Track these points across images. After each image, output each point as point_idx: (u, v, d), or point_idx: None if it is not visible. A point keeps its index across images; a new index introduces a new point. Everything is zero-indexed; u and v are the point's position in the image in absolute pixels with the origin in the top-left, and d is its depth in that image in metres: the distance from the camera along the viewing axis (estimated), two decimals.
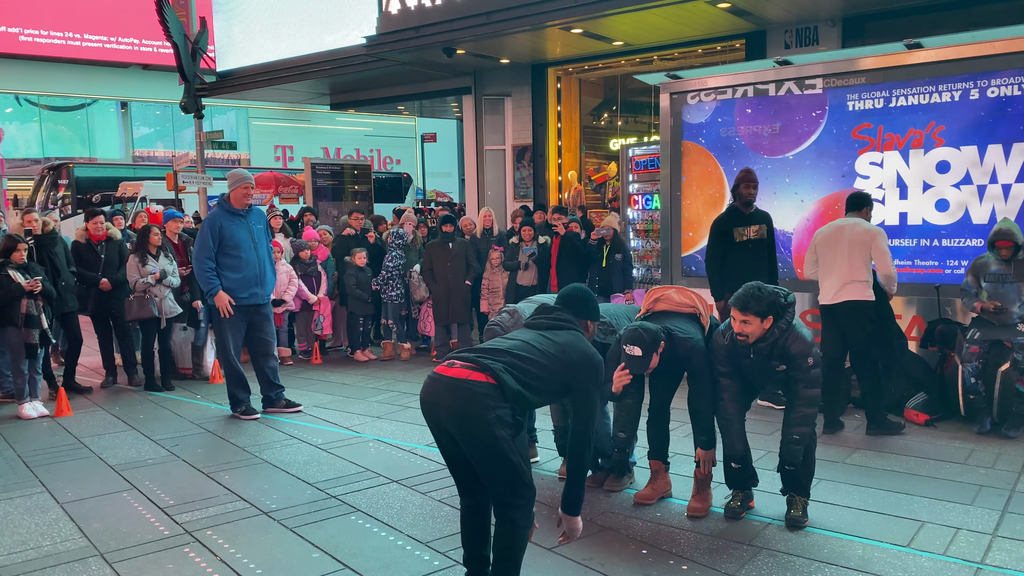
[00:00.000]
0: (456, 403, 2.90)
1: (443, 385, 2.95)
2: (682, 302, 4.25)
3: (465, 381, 2.90)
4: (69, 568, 3.70)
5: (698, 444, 4.26)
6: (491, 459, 2.90)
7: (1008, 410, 5.59)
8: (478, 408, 2.86)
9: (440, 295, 8.76)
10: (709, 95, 7.50)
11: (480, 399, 2.87)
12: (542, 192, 12.92)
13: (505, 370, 2.94)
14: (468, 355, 3.02)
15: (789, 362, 3.93)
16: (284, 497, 4.60)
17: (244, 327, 6.53)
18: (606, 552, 3.77)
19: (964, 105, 6.24)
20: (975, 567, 3.53)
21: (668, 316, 4.21)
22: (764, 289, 3.87)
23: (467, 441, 2.93)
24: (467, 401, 2.87)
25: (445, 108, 17.84)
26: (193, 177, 14.56)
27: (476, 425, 2.86)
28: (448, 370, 2.99)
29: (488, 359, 2.97)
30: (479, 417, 2.85)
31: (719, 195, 7.47)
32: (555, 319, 3.27)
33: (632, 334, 3.99)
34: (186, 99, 14.97)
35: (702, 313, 4.25)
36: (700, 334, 4.16)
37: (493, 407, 2.86)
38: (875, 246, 5.69)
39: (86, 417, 6.64)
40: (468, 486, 3.16)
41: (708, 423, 4.20)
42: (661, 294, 4.31)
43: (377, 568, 3.63)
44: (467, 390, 2.88)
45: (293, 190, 16.92)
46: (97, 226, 7.73)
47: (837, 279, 5.72)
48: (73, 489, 4.82)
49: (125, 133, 29.16)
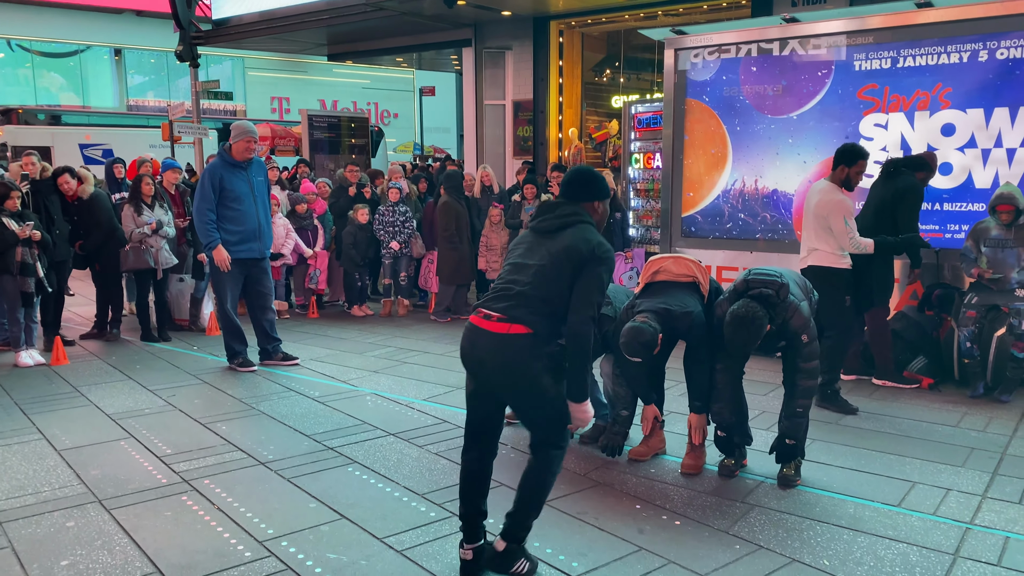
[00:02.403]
0: (501, 357, 2.98)
1: (485, 339, 3.01)
2: (681, 273, 4.24)
3: (506, 336, 2.96)
4: (68, 514, 3.73)
5: (692, 409, 4.29)
6: (538, 405, 3.02)
7: (1002, 375, 5.63)
8: (523, 359, 2.95)
9: (458, 256, 8.67)
10: (713, 52, 7.38)
11: (523, 351, 2.95)
12: (542, 150, 12.80)
13: (534, 312, 2.95)
14: (499, 306, 3.00)
15: (788, 337, 3.95)
16: (281, 448, 4.63)
17: (242, 280, 6.51)
18: (600, 507, 3.82)
19: (972, 67, 6.16)
20: (964, 527, 3.58)
21: (667, 288, 4.20)
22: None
23: (513, 391, 3.04)
24: (511, 355, 2.96)
25: (444, 61, 17.58)
26: (189, 127, 14.38)
27: (523, 376, 2.97)
28: (485, 323, 3.01)
29: (516, 306, 2.97)
30: (525, 367, 2.95)
31: (721, 155, 7.41)
32: (558, 218, 3.09)
33: (630, 346, 3.95)
34: (181, 47, 14.70)
35: (701, 282, 4.24)
36: (699, 305, 4.15)
37: (537, 355, 2.94)
38: (833, 224, 5.29)
39: (82, 366, 6.65)
40: (480, 438, 3.19)
41: (703, 389, 4.22)
42: (659, 266, 4.29)
43: (374, 519, 3.67)
44: (509, 344, 2.95)
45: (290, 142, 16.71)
46: (65, 186, 7.22)
47: (804, 244, 5.59)
48: (70, 436, 4.84)
49: (119, 81, 28.70)
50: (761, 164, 7.17)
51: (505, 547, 3.11)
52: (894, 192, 5.66)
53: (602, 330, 4.41)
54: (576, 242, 2.98)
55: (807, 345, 3.96)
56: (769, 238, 7.16)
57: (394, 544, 3.41)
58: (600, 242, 3.00)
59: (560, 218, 3.09)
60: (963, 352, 5.71)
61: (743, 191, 7.31)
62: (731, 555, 3.32)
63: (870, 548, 3.38)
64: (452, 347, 7.38)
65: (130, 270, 7.53)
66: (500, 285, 3.08)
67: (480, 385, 3.10)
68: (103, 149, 18.19)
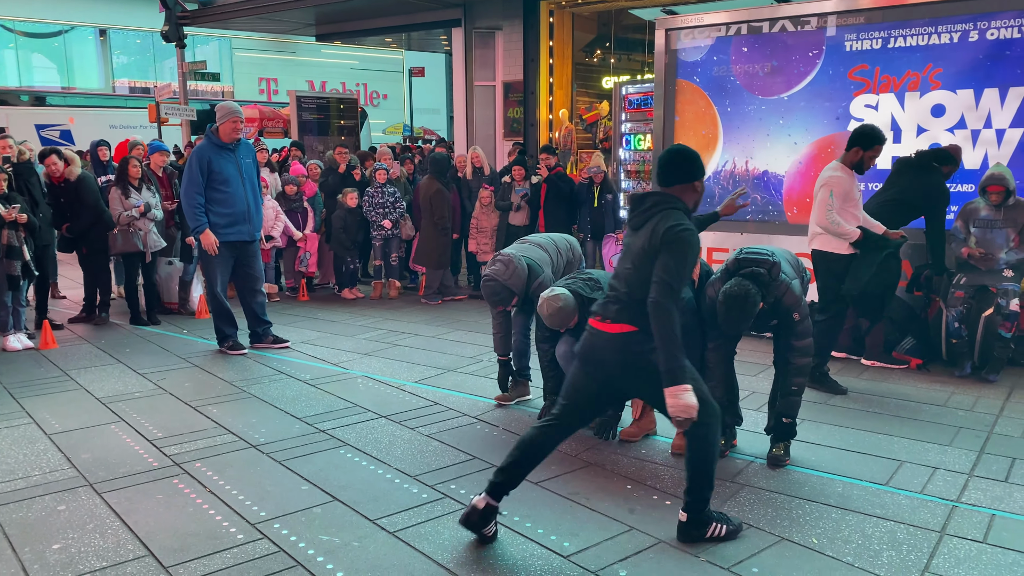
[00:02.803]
0: (618, 355, 3.14)
1: (602, 340, 3.18)
2: None
3: (617, 336, 3.12)
4: (59, 497, 3.73)
5: None
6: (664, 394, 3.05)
7: (989, 354, 5.68)
8: (638, 353, 3.09)
9: (446, 242, 8.63)
10: (704, 32, 7.35)
11: (636, 346, 3.09)
12: (532, 131, 12.75)
13: (638, 311, 3.05)
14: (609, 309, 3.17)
15: (780, 315, 3.96)
16: (273, 431, 4.63)
17: (231, 263, 6.47)
18: (591, 487, 3.84)
19: (963, 47, 6.15)
20: (951, 505, 3.62)
21: None
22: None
23: (637, 383, 3.21)
24: (626, 352, 3.12)
25: (434, 41, 17.47)
26: (176, 108, 14.24)
27: (641, 369, 3.09)
28: (600, 324, 3.19)
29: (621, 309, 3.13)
30: (642, 360, 3.08)
31: (712, 136, 7.39)
32: (642, 213, 3.17)
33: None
34: (167, 27, 14.53)
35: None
36: (690, 291, 4.16)
37: (651, 348, 3.03)
38: (819, 195, 5.23)
39: (71, 350, 6.62)
40: (573, 422, 3.34)
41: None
42: None
43: (366, 500, 3.68)
44: (623, 343, 3.11)
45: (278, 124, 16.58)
46: (51, 168, 7.19)
47: (809, 227, 5.57)
48: (60, 420, 4.82)
49: (104, 62, 28.36)
50: (752, 145, 7.17)
51: (688, 518, 3.25)
52: (924, 191, 5.61)
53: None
54: (651, 236, 3.06)
55: (800, 323, 3.97)
56: (760, 219, 7.16)
57: (386, 525, 3.43)
58: (669, 226, 3.02)
59: (643, 213, 3.17)
60: (951, 332, 5.75)
61: (734, 172, 7.31)
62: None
63: (858, 526, 3.42)
64: (443, 329, 7.38)
65: (119, 253, 7.47)
66: (609, 288, 3.27)
67: (601, 384, 3.25)
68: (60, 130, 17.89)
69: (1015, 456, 4.19)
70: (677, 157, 3.24)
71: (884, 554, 3.18)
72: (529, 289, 4.80)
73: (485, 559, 3.14)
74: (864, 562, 3.11)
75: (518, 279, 4.76)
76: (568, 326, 4.44)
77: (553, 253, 5.12)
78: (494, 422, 4.80)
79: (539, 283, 4.77)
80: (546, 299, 4.36)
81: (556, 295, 4.34)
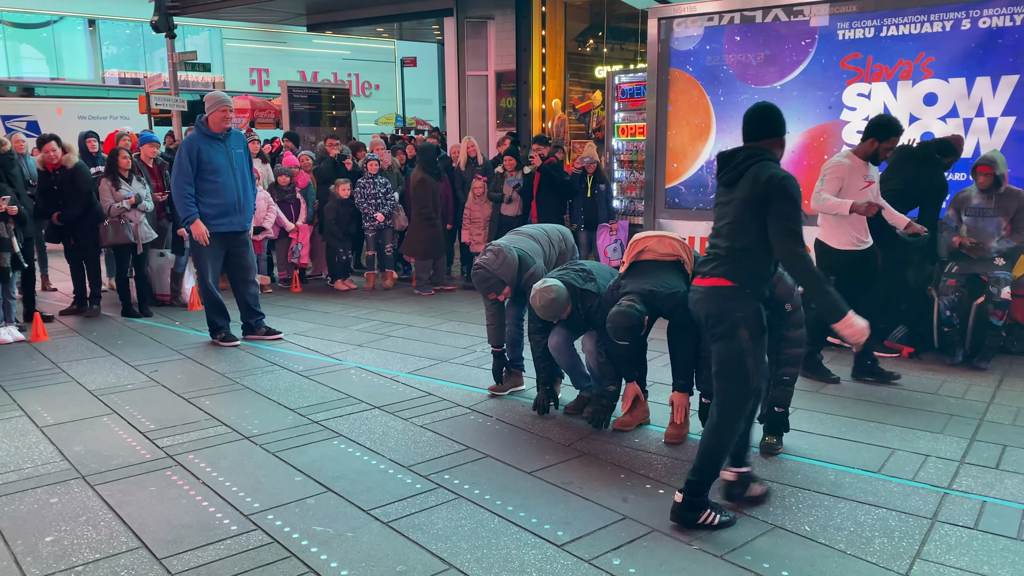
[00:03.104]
0: (706, 307, 3.27)
1: (698, 293, 3.33)
2: (665, 252, 4.24)
3: (711, 288, 3.25)
4: (51, 490, 3.72)
5: (675, 387, 4.32)
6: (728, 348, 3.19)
7: (981, 342, 5.70)
8: (724, 308, 3.21)
9: (435, 232, 8.60)
10: (697, 21, 7.33)
11: (725, 301, 3.21)
12: (525, 121, 12.71)
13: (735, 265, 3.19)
14: (707, 267, 3.28)
15: (772, 307, 3.96)
16: (266, 422, 4.62)
17: (223, 254, 6.44)
18: (585, 476, 3.85)
19: (955, 36, 6.16)
20: (942, 492, 3.64)
21: (652, 268, 4.20)
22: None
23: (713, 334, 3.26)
24: (714, 304, 3.24)
25: (426, 31, 17.35)
26: (166, 99, 14.14)
27: (721, 322, 3.20)
28: (698, 280, 3.35)
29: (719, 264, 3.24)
30: (725, 315, 3.20)
31: (705, 125, 7.39)
32: (734, 168, 3.27)
33: (618, 331, 3.98)
34: (157, 17, 14.39)
35: (686, 261, 4.24)
36: (684, 284, 4.15)
37: (739, 306, 3.18)
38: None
39: (63, 342, 6.59)
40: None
41: (687, 368, 4.25)
42: (644, 245, 4.28)
43: (360, 491, 3.68)
44: (714, 295, 3.24)
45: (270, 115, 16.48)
46: (49, 155, 7.21)
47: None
48: (52, 413, 4.80)
49: (94, 53, 28.11)
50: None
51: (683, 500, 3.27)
52: (926, 184, 5.58)
53: (585, 305, 4.42)
54: (752, 186, 3.13)
55: (792, 314, 3.97)
56: None
57: (380, 516, 3.43)
58: (773, 174, 3.11)
59: (736, 168, 3.24)
60: (943, 320, 5.78)
61: None
62: None
63: (850, 514, 3.44)
64: (436, 320, 7.38)
65: (110, 245, 7.43)
66: (708, 246, 3.37)
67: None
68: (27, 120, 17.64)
69: (1006, 443, 4.22)
70: (768, 112, 3.34)
71: (876, 541, 3.19)
72: (521, 280, 4.79)
73: (478, 549, 3.14)
74: (856, 549, 3.13)
75: (509, 269, 4.76)
76: (561, 317, 4.45)
77: (545, 244, 5.11)
78: (488, 412, 4.80)
79: (531, 274, 4.76)
80: (539, 290, 4.36)
81: (549, 286, 4.34)
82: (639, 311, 3.96)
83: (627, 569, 2.99)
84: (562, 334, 4.62)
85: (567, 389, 5.02)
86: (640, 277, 4.15)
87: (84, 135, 9.38)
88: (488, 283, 4.80)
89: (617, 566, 3.01)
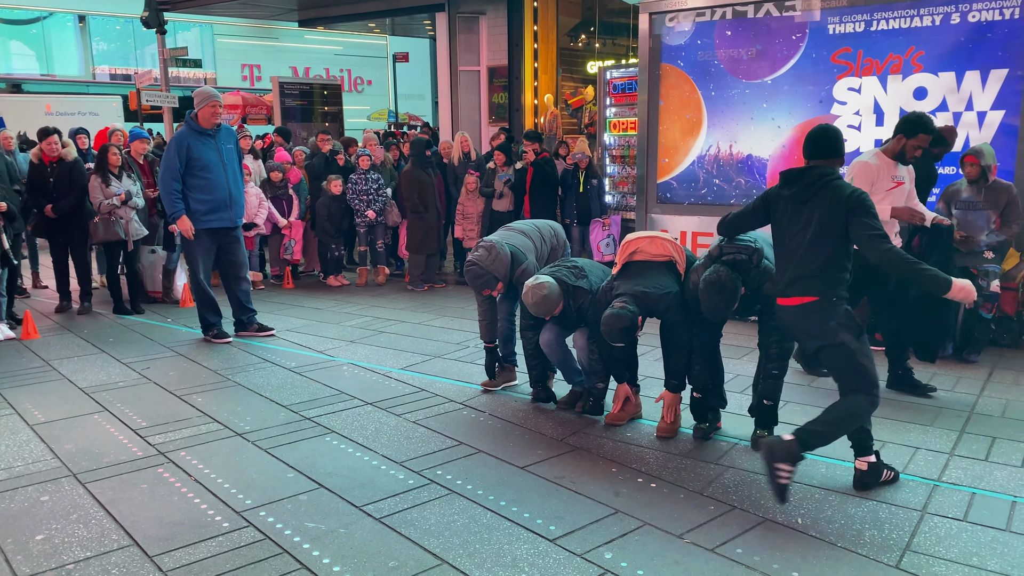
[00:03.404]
0: (801, 325, 3.57)
1: (786, 313, 3.61)
2: (657, 253, 4.26)
3: (798, 307, 3.53)
4: (42, 488, 3.70)
5: (667, 387, 4.33)
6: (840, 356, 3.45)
7: (970, 335, 5.73)
8: (819, 321, 3.48)
9: (424, 226, 8.58)
10: (688, 16, 7.33)
11: (816, 315, 3.48)
12: (517, 116, 12.70)
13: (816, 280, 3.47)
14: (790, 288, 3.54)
15: (763, 302, 3.97)
16: (258, 419, 4.61)
17: (215, 250, 6.42)
18: (577, 471, 3.85)
19: (945, 30, 6.17)
20: (932, 484, 3.66)
21: (645, 268, 4.21)
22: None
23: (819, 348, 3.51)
24: (808, 321, 3.52)
25: (418, 27, 17.33)
26: (157, 95, 14.08)
27: (821, 335, 3.47)
28: (783, 300, 3.60)
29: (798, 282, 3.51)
30: (822, 327, 3.46)
31: (696, 120, 7.39)
32: (808, 185, 3.51)
33: (611, 333, 4.01)
34: (147, 13, 14.32)
35: (678, 261, 4.26)
36: (676, 284, 4.17)
37: (831, 315, 3.44)
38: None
39: (54, 340, 6.56)
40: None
41: (680, 368, 4.26)
42: (636, 247, 4.29)
43: (352, 487, 3.68)
44: (804, 313, 3.52)
45: (261, 111, 16.44)
46: (50, 147, 7.24)
47: None
48: (43, 411, 4.79)
49: (84, 49, 27.95)
50: (736, 129, 7.17)
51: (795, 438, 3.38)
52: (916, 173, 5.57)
53: (577, 302, 4.43)
54: (832, 204, 3.43)
55: None
56: (744, 203, 7.16)
57: (372, 512, 3.43)
58: (852, 191, 3.44)
59: (810, 185, 3.51)
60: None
61: (718, 156, 7.31)
62: (705, 515, 3.38)
63: (840, 506, 3.46)
64: (429, 316, 7.37)
65: (100, 242, 7.39)
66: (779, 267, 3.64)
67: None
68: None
69: (995, 435, 4.25)
70: (831, 134, 3.63)
71: (866, 533, 3.21)
72: (513, 276, 4.79)
73: (471, 544, 3.15)
74: (847, 541, 3.15)
75: (501, 265, 4.76)
76: (553, 314, 4.45)
77: (537, 240, 5.11)
78: (481, 408, 4.81)
79: (522, 270, 4.77)
80: (531, 287, 4.36)
81: (540, 283, 4.34)
82: (632, 312, 3.97)
83: (619, 563, 3.00)
84: (554, 331, 4.62)
85: (559, 384, 5.03)
86: (632, 278, 4.17)
87: (74, 131, 9.32)
88: (481, 279, 4.80)
89: (609, 560, 3.02)
